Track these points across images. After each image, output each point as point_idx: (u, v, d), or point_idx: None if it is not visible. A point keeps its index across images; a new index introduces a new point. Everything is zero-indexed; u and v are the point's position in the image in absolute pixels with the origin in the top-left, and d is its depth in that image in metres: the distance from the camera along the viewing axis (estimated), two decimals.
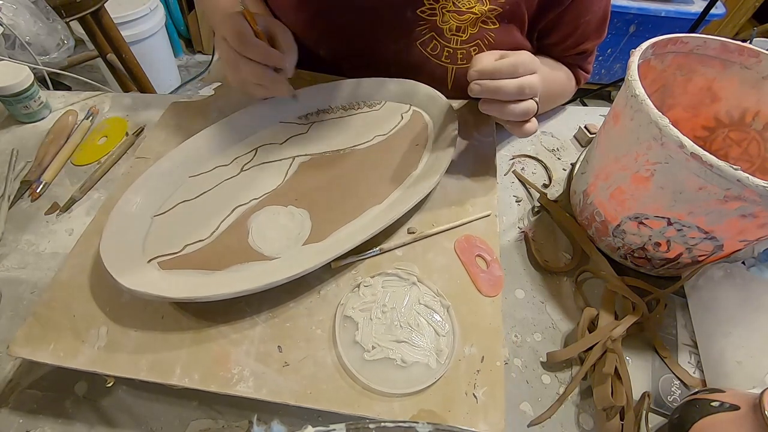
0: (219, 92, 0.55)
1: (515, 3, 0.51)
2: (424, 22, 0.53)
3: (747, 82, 0.44)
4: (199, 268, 0.38)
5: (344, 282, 0.40)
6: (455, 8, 0.51)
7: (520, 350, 0.40)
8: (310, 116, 0.52)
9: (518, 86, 0.41)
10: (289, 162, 0.47)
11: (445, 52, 0.54)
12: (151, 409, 0.36)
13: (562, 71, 0.59)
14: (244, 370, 0.34)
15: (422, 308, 0.38)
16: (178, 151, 0.45)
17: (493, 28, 0.52)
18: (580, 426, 0.37)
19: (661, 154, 0.35)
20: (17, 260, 0.44)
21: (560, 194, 0.52)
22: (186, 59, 2.03)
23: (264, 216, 0.42)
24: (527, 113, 0.42)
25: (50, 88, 0.68)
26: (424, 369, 0.35)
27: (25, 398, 0.36)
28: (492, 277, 0.41)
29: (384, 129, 0.51)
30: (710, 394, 0.33)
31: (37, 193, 0.49)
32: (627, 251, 0.43)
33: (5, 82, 0.53)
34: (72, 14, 0.88)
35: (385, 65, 0.55)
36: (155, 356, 0.34)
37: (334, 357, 0.35)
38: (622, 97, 0.39)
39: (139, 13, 1.50)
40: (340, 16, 0.53)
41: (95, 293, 0.37)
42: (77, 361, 0.33)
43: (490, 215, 0.45)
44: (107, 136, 0.55)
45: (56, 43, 1.15)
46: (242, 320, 0.37)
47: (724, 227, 0.35)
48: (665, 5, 1.55)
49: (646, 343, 0.41)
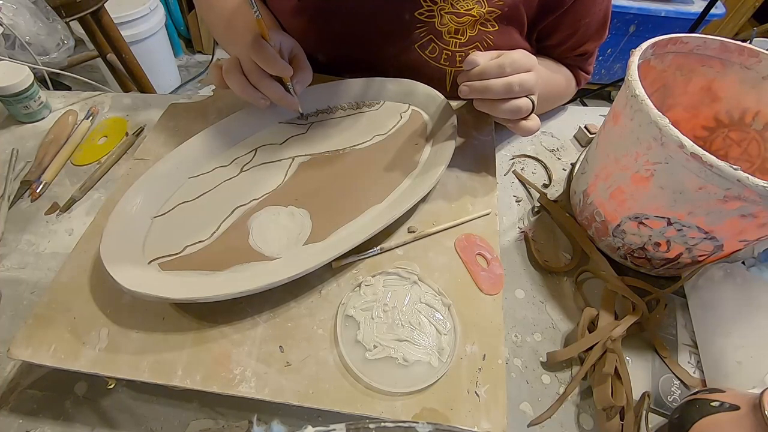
0: (218, 93, 0.55)
1: (514, 5, 0.51)
2: (422, 24, 0.53)
3: (747, 82, 0.44)
4: (199, 268, 0.38)
5: (345, 281, 0.40)
6: (453, 10, 0.51)
7: (520, 350, 0.40)
8: (310, 116, 0.52)
9: (505, 84, 0.41)
10: (288, 162, 0.47)
11: (443, 54, 0.54)
12: (151, 410, 0.36)
13: (562, 72, 0.59)
14: (245, 370, 0.34)
15: (423, 307, 0.38)
16: (177, 153, 0.45)
17: (492, 31, 0.52)
18: (580, 426, 0.37)
19: (661, 154, 0.35)
20: (17, 260, 0.44)
21: (560, 194, 0.52)
22: (186, 59, 2.03)
23: (264, 216, 0.42)
24: (519, 111, 0.43)
25: (50, 88, 0.68)
26: (426, 367, 0.35)
27: (25, 398, 0.36)
28: (492, 275, 0.41)
29: (383, 128, 0.51)
30: (710, 394, 0.33)
31: (37, 193, 0.49)
32: (627, 251, 0.44)
33: (5, 82, 0.53)
34: (72, 14, 0.88)
35: (384, 68, 0.55)
36: (156, 357, 0.34)
37: (335, 356, 0.35)
38: (622, 97, 0.39)
39: (139, 13, 1.50)
40: (338, 21, 0.53)
41: (95, 295, 0.37)
42: (78, 363, 0.33)
43: (489, 214, 0.45)
44: (107, 136, 0.55)
45: (56, 43, 1.15)
46: (243, 321, 0.37)
47: (724, 227, 0.36)
48: (665, 5, 1.55)
49: (646, 343, 0.41)
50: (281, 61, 0.43)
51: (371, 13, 0.52)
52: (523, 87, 0.42)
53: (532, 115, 0.44)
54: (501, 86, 0.41)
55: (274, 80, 0.45)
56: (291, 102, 0.47)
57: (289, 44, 0.48)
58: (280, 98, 0.45)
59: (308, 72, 0.48)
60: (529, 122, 0.44)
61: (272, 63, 0.43)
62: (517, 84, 0.41)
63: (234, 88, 0.45)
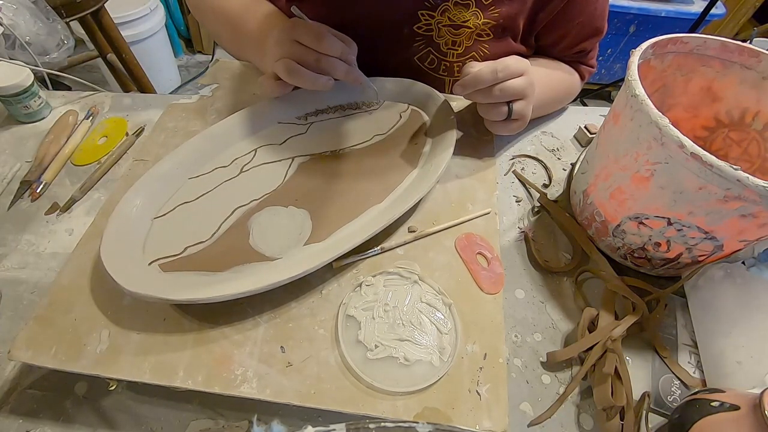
0: (217, 94, 0.55)
1: (510, 16, 0.52)
2: (421, 37, 0.54)
3: (747, 82, 0.44)
4: (200, 269, 0.38)
5: (346, 281, 0.40)
6: (450, 23, 0.52)
7: (520, 350, 0.40)
8: (309, 116, 0.52)
9: (491, 71, 0.43)
10: (288, 162, 0.47)
11: (442, 65, 0.55)
12: (151, 410, 0.36)
13: (561, 69, 0.59)
14: (247, 371, 0.34)
15: (424, 306, 0.38)
16: (177, 153, 0.45)
17: (488, 40, 0.53)
18: (580, 426, 0.37)
19: (661, 154, 0.35)
20: (17, 260, 0.44)
21: (560, 194, 0.52)
22: (186, 59, 2.03)
23: (264, 217, 0.42)
24: (503, 114, 0.46)
25: (50, 88, 0.68)
26: (428, 367, 0.35)
27: (25, 398, 0.36)
28: (493, 274, 0.41)
29: (383, 128, 0.51)
30: (710, 394, 0.33)
31: (37, 193, 0.49)
32: (627, 251, 0.44)
33: (5, 82, 0.52)
34: (72, 14, 0.88)
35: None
36: (158, 358, 0.34)
37: (337, 356, 0.35)
38: (622, 97, 0.39)
39: (139, 13, 1.50)
40: (339, 33, 0.53)
41: (96, 296, 0.37)
42: (79, 365, 0.33)
43: (489, 213, 0.45)
44: (107, 136, 0.55)
45: (56, 43, 1.15)
46: (244, 321, 0.37)
47: (724, 227, 0.36)
48: (665, 5, 1.55)
49: (646, 343, 0.41)
50: (330, 34, 0.43)
51: (371, 28, 0.53)
52: (514, 89, 0.44)
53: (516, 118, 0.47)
54: (488, 73, 0.43)
55: (333, 57, 0.44)
56: (357, 76, 0.47)
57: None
58: (347, 73, 0.45)
59: (351, 41, 0.47)
60: (513, 123, 0.48)
61: (323, 34, 0.42)
62: (502, 74, 0.43)
63: (304, 82, 0.43)
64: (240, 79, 0.60)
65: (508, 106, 0.45)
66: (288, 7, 0.53)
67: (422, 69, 0.56)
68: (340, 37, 0.46)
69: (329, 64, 0.44)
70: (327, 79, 0.44)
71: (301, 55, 0.43)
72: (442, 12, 0.52)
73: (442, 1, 0.51)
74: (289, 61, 0.43)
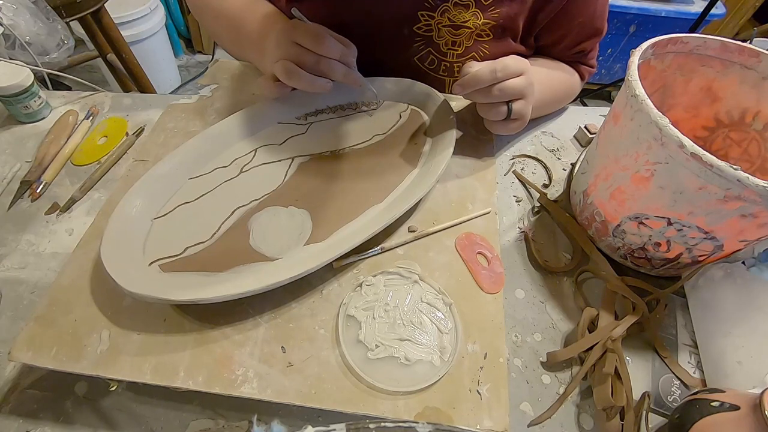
0: (216, 94, 0.55)
1: (509, 17, 0.52)
2: (421, 38, 0.54)
3: (747, 82, 0.44)
4: (200, 270, 0.38)
5: (346, 281, 0.40)
6: (450, 23, 0.52)
7: (520, 350, 0.40)
8: (309, 116, 0.52)
9: (491, 71, 0.43)
10: (288, 162, 0.47)
11: (442, 66, 0.55)
12: (152, 410, 0.36)
13: (561, 69, 0.59)
14: (248, 371, 0.34)
15: (424, 306, 0.38)
16: (176, 153, 0.45)
17: (488, 40, 0.53)
18: (580, 426, 0.37)
19: (661, 154, 0.35)
20: (17, 260, 0.44)
21: (560, 194, 0.52)
22: (186, 59, 2.03)
23: (264, 217, 0.42)
24: (502, 114, 0.46)
25: (50, 88, 0.68)
26: (428, 366, 0.35)
27: (25, 398, 0.36)
28: (493, 274, 0.41)
29: (383, 128, 0.51)
30: (710, 394, 0.33)
31: (37, 193, 0.49)
32: (627, 251, 0.44)
33: (5, 82, 0.52)
34: (72, 14, 0.88)
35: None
36: (158, 359, 0.34)
37: (337, 356, 0.35)
38: (622, 97, 0.39)
39: (139, 13, 1.50)
40: (338, 35, 0.53)
41: (96, 297, 0.37)
42: (80, 366, 0.33)
43: (490, 212, 0.45)
44: (107, 136, 0.55)
45: (56, 43, 1.15)
46: (245, 321, 0.37)
47: (724, 227, 0.36)
48: (665, 5, 1.55)
49: (646, 343, 0.41)
50: (329, 36, 0.43)
51: (370, 29, 0.53)
52: (513, 91, 0.44)
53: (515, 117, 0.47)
54: (487, 73, 0.43)
55: (332, 59, 0.44)
56: (356, 78, 0.47)
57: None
58: (345, 75, 0.45)
59: (351, 44, 0.47)
60: (512, 123, 0.47)
61: (323, 37, 0.42)
62: (501, 74, 0.43)
63: (302, 84, 0.43)
64: (239, 79, 0.60)
65: (507, 106, 0.45)
66: (288, 8, 0.53)
67: (422, 69, 0.56)
68: (339, 40, 0.46)
69: (328, 66, 0.44)
70: (325, 81, 0.44)
71: (300, 57, 0.43)
72: (441, 12, 0.52)
73: (442, 2, 0.51)
74: (287, 62, 0.43)
